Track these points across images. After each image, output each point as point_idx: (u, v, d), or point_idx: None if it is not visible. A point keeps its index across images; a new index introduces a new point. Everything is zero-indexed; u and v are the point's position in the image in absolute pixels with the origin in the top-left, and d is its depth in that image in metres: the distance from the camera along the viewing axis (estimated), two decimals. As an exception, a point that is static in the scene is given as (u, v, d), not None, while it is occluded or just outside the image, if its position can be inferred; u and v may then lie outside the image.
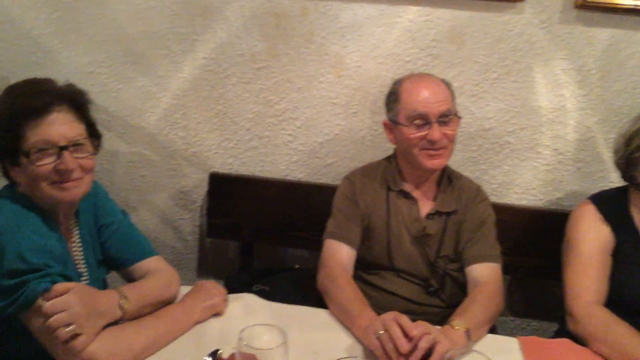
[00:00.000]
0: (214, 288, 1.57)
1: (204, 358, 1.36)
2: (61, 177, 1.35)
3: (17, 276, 1.23)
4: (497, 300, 1.62)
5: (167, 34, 2.17)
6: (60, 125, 1.35)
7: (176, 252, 2.43)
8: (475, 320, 1.48)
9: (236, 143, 2.26)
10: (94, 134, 1.45)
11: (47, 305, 1.20)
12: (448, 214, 1.79)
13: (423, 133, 1.68)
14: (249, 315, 1.53)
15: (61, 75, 2.17)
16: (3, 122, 1.33)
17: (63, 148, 1.34)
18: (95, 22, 2.18)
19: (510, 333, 1.82)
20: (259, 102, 2.19)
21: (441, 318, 1.60)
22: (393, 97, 1.77)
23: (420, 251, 1.79)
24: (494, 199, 2.15)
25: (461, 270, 1.77)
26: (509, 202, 2.18)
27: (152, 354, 1.35)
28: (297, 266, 2.23)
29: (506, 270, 2.11)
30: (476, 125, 2.11)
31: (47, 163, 1.33)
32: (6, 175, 1.40)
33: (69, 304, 1.21)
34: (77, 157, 1.36)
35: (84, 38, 2.21)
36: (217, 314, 1.53)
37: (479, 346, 1.48)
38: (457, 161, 2.13)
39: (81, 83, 2.15)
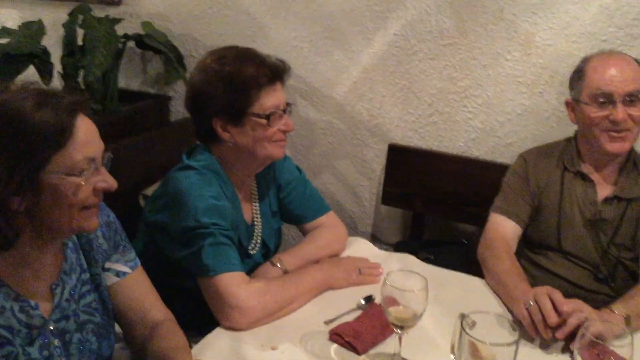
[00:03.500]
0: (353, 270, 1.63)
1: (359, 300, 1.52)
2: (284, 135, 1.56)
3: (188, 231, 1.44)
4: None
5: (364, 11, 2.33)
6: (282, 93, 1.55)
7: (354, 215, 2.61)
8: (639, 309, 1.41)
9: (417, 117, 2.35)
10: None
11: None
12: (629, 200, 1.69)
13: (606, 112, 1.61)
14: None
15: (271, 48, 2.51)
16: (235, 85, 1.49)
17: (284, 111, 1.55)
18: (302, 1, 2.42)
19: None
20: (442, 78, 2.26)
21: (609, 308, 1.54)
22: (578, 75, 1.71)
23: (593, 236, 1.72)
24: (693, 194, 1.95)
25: (637, 260, 1.67)
26: None
27: (298, 307, 1.49)
28: (464, 240, 2.27)
29: None
30: (679, 112, 1.93)
31: (280, 125, 1.54)
32: (209, 134, 1.56)
33: None
34: None
35: (292, 15, 2.47)
36: None
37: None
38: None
39: (286, 55, 2.47)
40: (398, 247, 2.31)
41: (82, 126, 1.04)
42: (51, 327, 1.13)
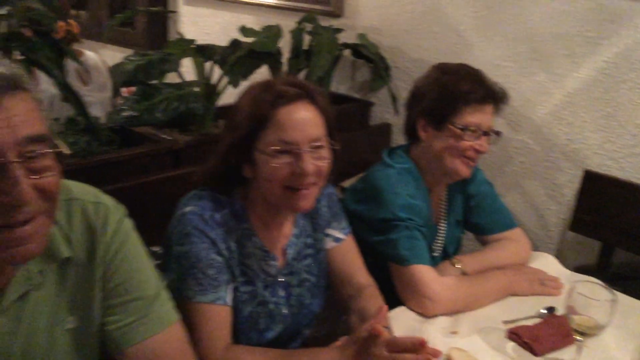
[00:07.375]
0: (535, 279, 1.69)
1: (540, 309, 1.57)
2: (476, 154, 1.66)
3: (384, 222, 1.60)
4: None
5: (574, 36, 2.33)
6: (489, 117, 1.67)
7: (537, 239, 2.59)
8: None
9: (619, 147, 2.29)
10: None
11: None
12: None
13: None
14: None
15: (474, 64, 2.58)
16: (446, 93, 1.64)
17: (485, 133, 1.65)
18: (511, 21, 2.49)
19: None
20: (653, 109, 2.19)
21: None
22: None
23: None
24: None
25: None
26: None
27: (481, 306, 1.57)
28: (657, 278, 2.16)
29: None
30: None
31: (471, 141, 1.63)
32: (412, 132, 1.73)
33: None
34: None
35: (499, 35, 2.55)
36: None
37: None
38: None
39: (488, 73, 2.53)
40: (580, 276, 2.27)
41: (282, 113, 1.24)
42: (280, 279, 1.38)
